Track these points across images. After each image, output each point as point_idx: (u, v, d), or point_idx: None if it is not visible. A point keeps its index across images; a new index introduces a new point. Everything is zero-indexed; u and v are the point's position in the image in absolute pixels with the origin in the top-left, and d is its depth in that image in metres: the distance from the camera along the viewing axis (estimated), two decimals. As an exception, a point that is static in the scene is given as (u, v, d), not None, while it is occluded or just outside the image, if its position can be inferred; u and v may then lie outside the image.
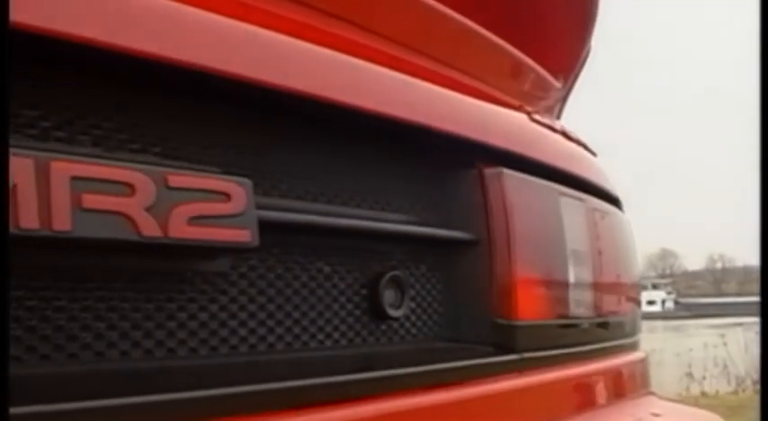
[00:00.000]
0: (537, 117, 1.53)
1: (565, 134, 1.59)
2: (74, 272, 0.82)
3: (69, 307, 0.81)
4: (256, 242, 0.87)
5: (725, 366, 12.61)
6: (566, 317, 1.39)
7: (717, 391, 11.68)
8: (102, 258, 0.83)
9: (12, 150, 0.70)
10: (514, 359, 1.24)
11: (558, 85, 1.83)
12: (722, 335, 13.24)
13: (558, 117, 1.95)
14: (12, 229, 0.69)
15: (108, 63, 0.82)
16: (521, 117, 1.49)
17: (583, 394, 1.47)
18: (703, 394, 11.36)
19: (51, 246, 0.75)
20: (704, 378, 12.10)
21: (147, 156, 0.87)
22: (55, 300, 0.80)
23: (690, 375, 12.14)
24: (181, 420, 0.79)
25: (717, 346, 12.96)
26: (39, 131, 0.81)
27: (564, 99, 1.95)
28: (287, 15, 1.11)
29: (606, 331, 1.55)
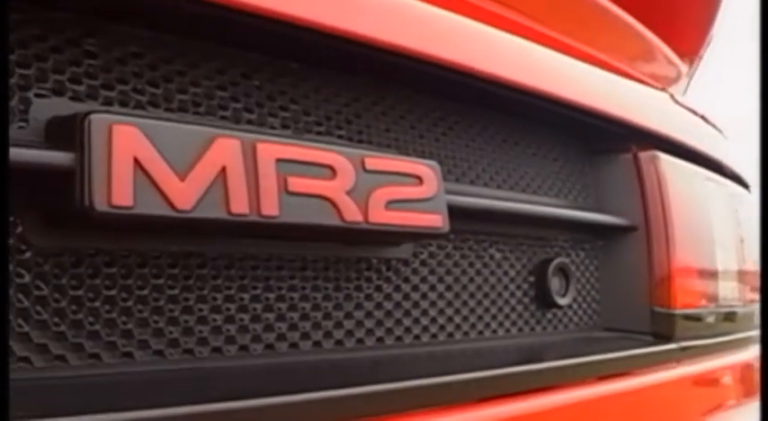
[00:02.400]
0: (679, 99, 1.48)
1: (703, 117, 1.53)
2: (271, 259, 0.79)
3: (264, 296, 0.78)
4: (447, 227, 0.83)
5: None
6: (717, 305, 1.34)
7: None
8: (298, 244, 0.80)
9: (214, 131, 0.68)
10: (673, 348, 1.19)
11: (684, 67, 1.77)
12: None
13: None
14: (222, 215, 0.66)
15: (298, 44, 0.79)
16: (666, 99, 1.44)
17: (730, 385, 1.41)
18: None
19: (258, 231, 0.72)
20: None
21: (332, 139, 0.84)
22: (252, 289, 0.77)
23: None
24: (372, 413, 0.75)
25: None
26: (231, 113, 0.78)
27: (688, 82, 1.89)
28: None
29: (747, 320, 1.50)
